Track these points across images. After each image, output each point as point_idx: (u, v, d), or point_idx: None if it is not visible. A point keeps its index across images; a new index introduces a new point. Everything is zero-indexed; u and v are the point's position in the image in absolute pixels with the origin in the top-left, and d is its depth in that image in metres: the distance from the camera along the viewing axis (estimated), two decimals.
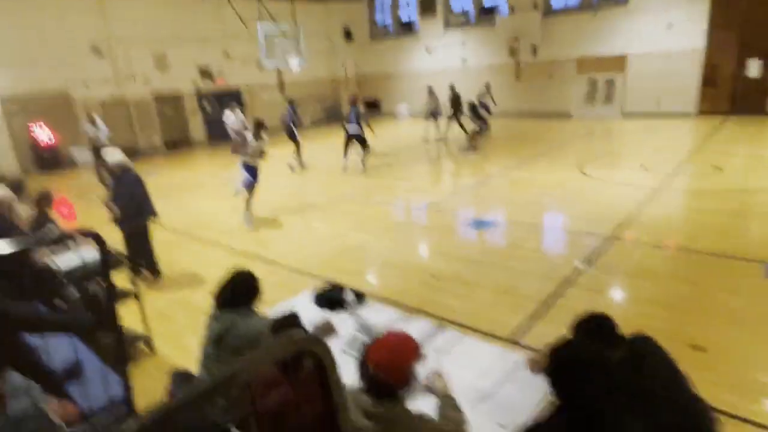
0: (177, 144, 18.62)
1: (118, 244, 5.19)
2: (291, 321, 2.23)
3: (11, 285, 2.63)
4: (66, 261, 3.42)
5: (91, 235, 2.05)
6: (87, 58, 15.24)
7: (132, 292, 3.91)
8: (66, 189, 11.49)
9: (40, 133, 14.25)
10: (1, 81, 13.63)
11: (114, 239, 5.22)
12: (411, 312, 3.94)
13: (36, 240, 3.16)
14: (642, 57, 15.43)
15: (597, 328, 2.00)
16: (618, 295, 4.53)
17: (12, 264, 2.66)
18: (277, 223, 7.44)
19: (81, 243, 4.45)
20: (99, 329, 2.54)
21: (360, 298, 3.02)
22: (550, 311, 4.15)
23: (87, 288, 2.91)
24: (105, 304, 2.35)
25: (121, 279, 3.99)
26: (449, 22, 20.03)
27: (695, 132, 12.51)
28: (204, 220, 7.94)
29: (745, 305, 4.03)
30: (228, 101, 19.56)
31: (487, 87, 14.87)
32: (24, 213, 3.83)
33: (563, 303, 4.28)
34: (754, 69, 13.69)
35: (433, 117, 14.04)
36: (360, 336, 2.61)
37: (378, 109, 23.42)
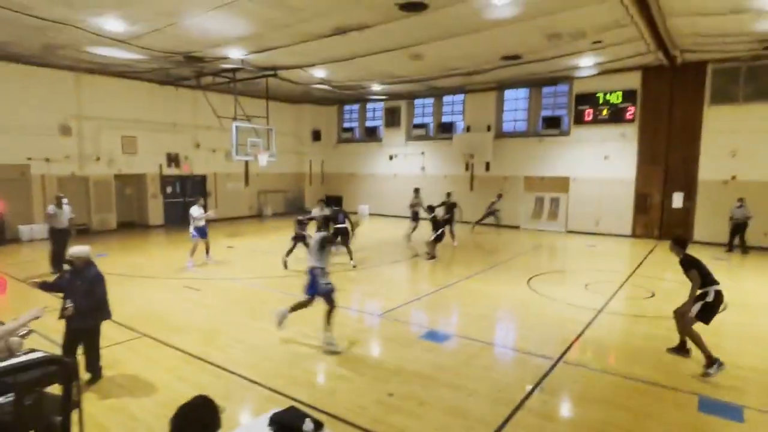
0: (133, 225, 18.24)
1: (58, 339, 4.96)
2: None
3: None
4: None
5: (62, 363, 2.06)
6: (53, 134, 15.25)
7: (75, 401, 3.69)
8: (3, 264, 10.86)
9: None
10: None
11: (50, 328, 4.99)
12: None
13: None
14: (583, 181, 17.10)
15: None
16: (566, 423, 4.66)
17: None
18: (231, 323, 7.28)
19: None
20: None
21: (318, 427, 3.02)
22: None
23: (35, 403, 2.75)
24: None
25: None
26: (411, 134, 21.67)
27: (631, 254, 13.59)
28: (153, 314, 7.66)
29: None
30: (192, 187, 19.71)
31: (448, 196, 15.59)
32: None
33: (514, 430, 4.35)
34: (677, 200, 15.41)
35: (415, 217, 14.98)
36: None
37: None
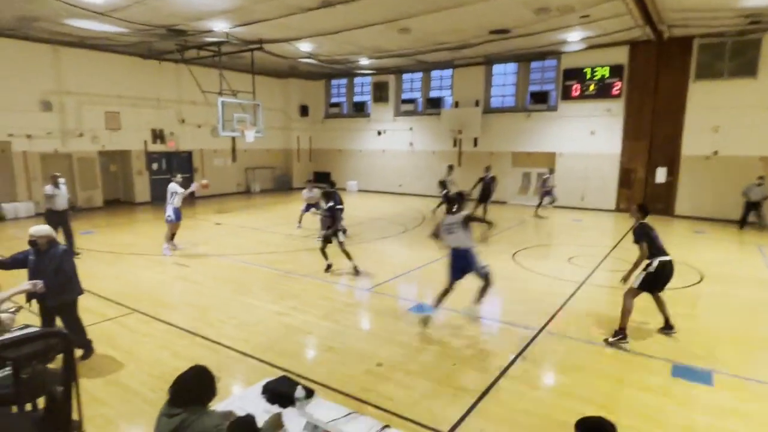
0: (119, 203, 18.09)
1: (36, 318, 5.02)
2: (249, 427, 2.35)
3: None
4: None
5: (59, 335, 2.14)
6: (34, 110, 14.91)
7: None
8: None
9: None
10: None
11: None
12: (355, 405, 4.11)
13: None
14: (569, 157, 17.26)
15: None
16: (546, 390, 4.90)
17: None
18: (221, 298, 7.39)
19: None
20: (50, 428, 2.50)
21: (309, 394, 3.16)
22: (486, 404, 4.41)
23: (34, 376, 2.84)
24: (60, 401, 2.35)
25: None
26: (399, 109, 21.55)
27: (615, 228, 13.89)
28: (143, 291, 7.73)
29: (655, 402, 4.50)
30: (179, 163, 19.50)
31: (487, 170, 15.47)
32: None
33: (498, 396, 4.57)
34: (660, 175, 15.68)
35: (446, 196, 14.64)
36: None
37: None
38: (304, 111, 23.83)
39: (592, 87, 16.42)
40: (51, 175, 9.80)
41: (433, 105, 20.25)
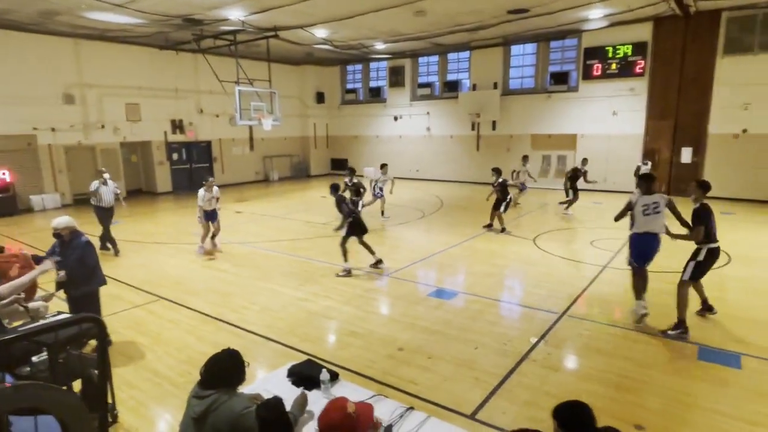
0: (141, 193, 18.45)
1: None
2: (277, 409, 2.40)
3: None
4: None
5: (92, 320, 2.20)
6: (57, 104, 15.22)
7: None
8: (15, 233, 11.15)
9: None
10: None
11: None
12: (379, 388, 4.15)
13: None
14: (590, 138, 16.90)
15: (576, 417, 2.25)
16: (569, 373, 4.87)
17: None
18: (244, 285, 7.52)
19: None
20: (88, 410, 2.60)
21: (334, 377, 3.20)
22: (508, 387, 4.42)
23: (68, 360, 2.95)
24: (97, 383, 2.43)
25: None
26: (415, 94, 21.34)
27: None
28: (168, 278, 7.90)
29: (680, 385, 4.44)
30: (198, 153, 19.77)
31: (524, 160, 14.39)
32: None
33: (520, 379, 4.56)
34: (686, 155, 15.25)
35: (521, 187, 14.13)
36: None
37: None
38: (320, 98, 23.80)
39: (614, 66, 15.97)
40: (98, 170, 9.83)
41: (451, 88, 20.00)
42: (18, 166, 14.47)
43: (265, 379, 3.48)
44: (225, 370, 2.70)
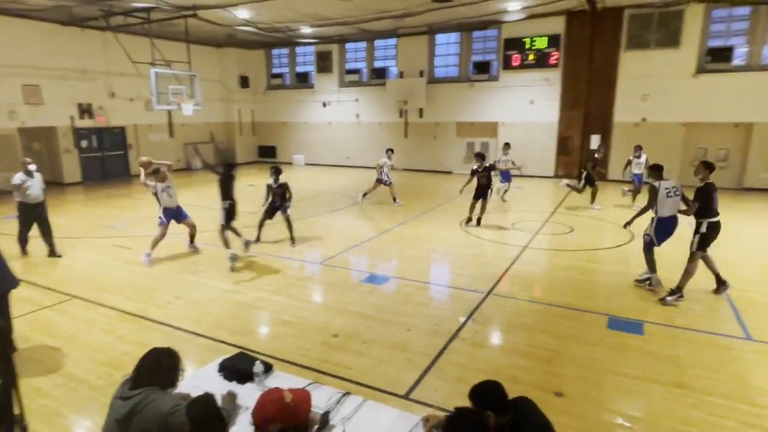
0: (46, 184, 16.79)
1: None
2: (209, 405, 2.33)
3: None
4: None
5: None
6: None
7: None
8: None
9: None
10: None
11: None
12: (315, 376, 4.15)
13: None
14: (511, 126, 17.75)
15: (490, 395, 2.41)
16: (495, 349, 5.16)
17: None
18: (167, 279, 7.15)
19: None
20: None
21: (268, 368, 3.16)
22: (440, 366, 4.60)
23: None
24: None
25: None
26: (344, 80, 21.17)
27: (554, 194, 14.54)
28: (82, 276, 7.32)
29: (593, 353, 4.86)
30: (111, 140, 18.31)
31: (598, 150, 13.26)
32: None
33: (451, 358, 4.77)
34: (595, 142, 16.48)
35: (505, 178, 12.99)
36: None
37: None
38: (244, 82, 22.87)
39: (531, 57, 16.83)
40: (21, 162, 8.28)
41: (378, 75, 20.05)
42: None
43: (195, 377, 3.35)
44: (161, 368, 2.57)
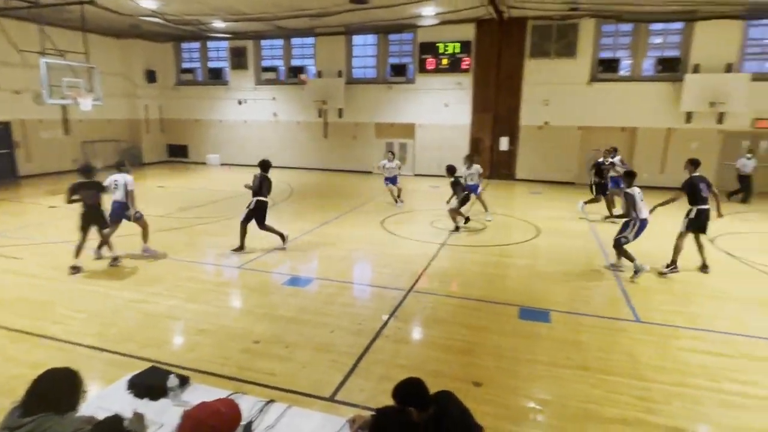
0: None
1: None
2: (114, 427, 2.16)
3: None
4: None
5: None
6: None
7: None
8: None
9: None
10: None
11: None
12: (236, 386, 4.01)
13: None
14: (427, 128, 18.34)
15: (411, 392, 2.47)
16: (417, 344, 5.32)
17: None
18: (65, 291, 6.50)
19: None
20: None
21: (184, 382, 3.00)
22: (364, 365, 4.64)
23: None
24: None
25: None
26: (260, 77, 20.58)
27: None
28: None
29: (507, 343, 5.17)
30: None
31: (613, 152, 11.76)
32: None
33: (375, 356, 4.83)
34: (504, 144, 17.54)
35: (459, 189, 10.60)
36: None
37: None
38: (151, 77, 21.36)
39: (445, 61, 17.48)
40: None
41: (296, 74, 19.72)
42: None
43: (100, 397, 3.08)
44: (57, 390, 2.31)
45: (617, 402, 4.11)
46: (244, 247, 8.33)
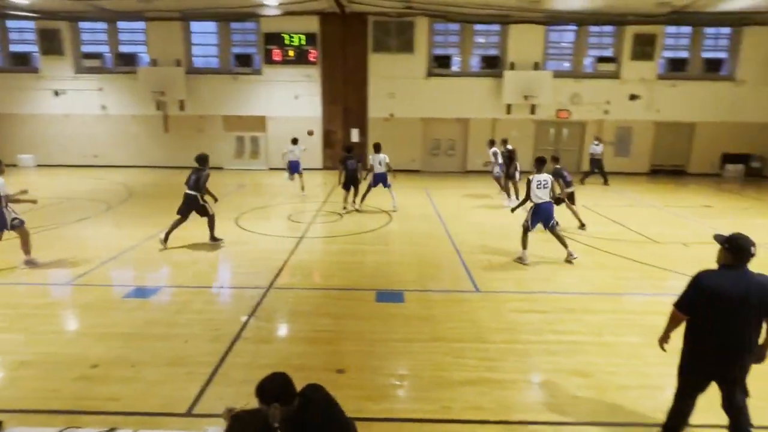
0: None
1: None
2: None
3: None
4: None
5: None
6: None
7: None
8: None
9: None
10: None
11: None
12: (66, 420, 3.53)
13: None
14: (278, 120, 17.99)
15: (272, 388, 2.43)
16: (279, 341, 5.27)
17: None
18: None
19: None
20: None
21: None
22: (223, 372, 4.45)
23: None
24: None
25: None
26: (81, 65, 17.96)
27: (323, 185, 15.38)
28: None
29: (368, 326, 5.41)
30: None
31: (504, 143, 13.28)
32: None
33: (235, 360, 4.66)
34: (355, 136, 18.06)
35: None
36: None
37: None
38: None
39: (291, 53, 17.28)
40: None
41: (127, 62, 17.67)
42: None
43: None
44: None
45: (464, 366, 4.61)
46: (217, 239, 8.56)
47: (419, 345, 5.00)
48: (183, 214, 8.34)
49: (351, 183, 11.27)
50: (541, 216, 7.59)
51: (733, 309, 3.06)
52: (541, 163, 7.79)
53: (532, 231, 7.71)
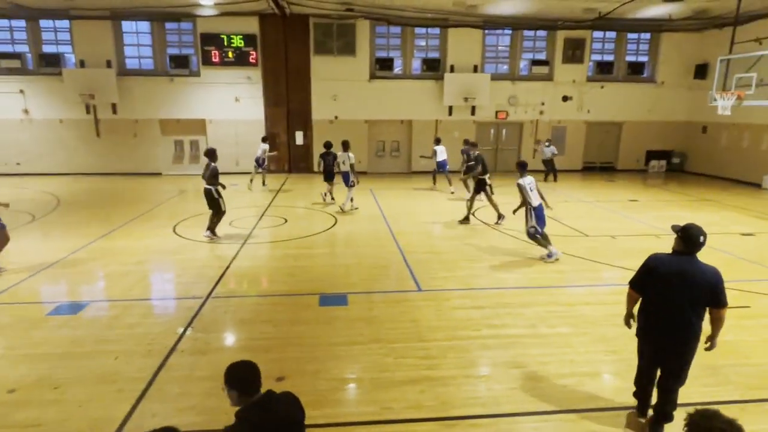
0: None
1: None
2: None
3: None
4: None
5: None
6: None
7: None
8: None
9: None
10: None
11: None
12: None
13: None
14: (219, 123, 17.46)
15: (238, 374, 2.41)
16: (218, 352, 5.10)
17: None
18: None
19: None
20: None
21: None
22: (157, 387, 4.27)
23: None
24: None
25: None
26: None
27: (268, 188, 15.06)
28: None
29: (309, 331, 5.37)
30: None
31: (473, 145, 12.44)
32: None
33: (169, 374, 4.48)
34: (299, 138, 17.86)
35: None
36: None
37: None
38: None
39: (230, 54, 16.82)
40: None
41: (50, 63, 16.54)
42: None
43: None
44: None
45: (405, 365, 4.67)
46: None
47: (360, 347, 5.02)
48: (210, 208, 9.01)
49: (330, 176, 12.37)
50: (542, 217, 7.71)
51: (674, 291, 3.35)
52: (524, 168, 7.86)
53: (541, 232, 7.74)
